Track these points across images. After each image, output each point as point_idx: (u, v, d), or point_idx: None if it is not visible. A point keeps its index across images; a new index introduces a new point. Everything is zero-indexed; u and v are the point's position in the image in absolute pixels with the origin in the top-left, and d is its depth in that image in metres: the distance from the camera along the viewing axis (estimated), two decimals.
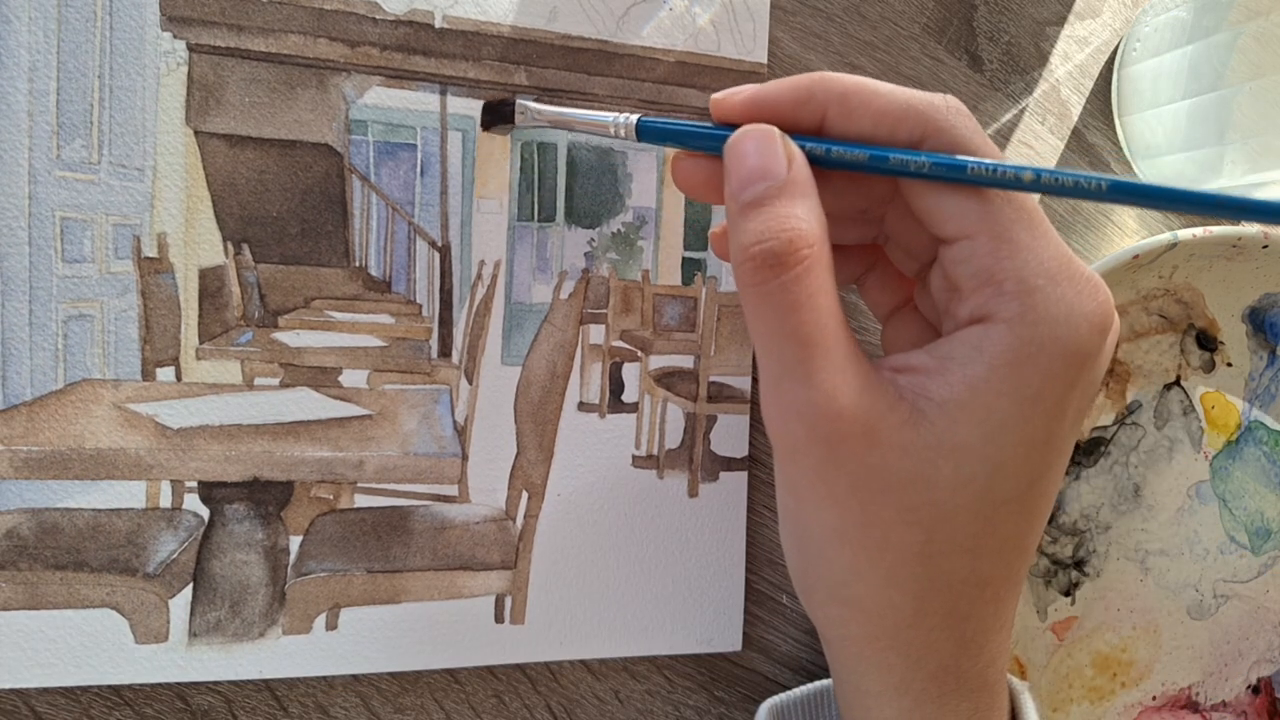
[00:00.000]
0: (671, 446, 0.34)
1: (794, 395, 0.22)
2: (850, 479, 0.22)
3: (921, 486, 0.22)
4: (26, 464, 0.28)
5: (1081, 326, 0.22)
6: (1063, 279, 0.22)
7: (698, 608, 0.34)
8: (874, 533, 0.22)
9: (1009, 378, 0.21)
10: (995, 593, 0.23)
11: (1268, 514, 0.41)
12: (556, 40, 0.32)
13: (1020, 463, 0.22)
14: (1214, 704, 0.42)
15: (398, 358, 0.32)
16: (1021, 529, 0.23)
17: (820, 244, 0.22)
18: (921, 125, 0.23)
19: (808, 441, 0.22)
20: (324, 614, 0.30)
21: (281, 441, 0.30)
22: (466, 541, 0.32)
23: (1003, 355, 0.21)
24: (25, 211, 0.28)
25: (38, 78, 0.28)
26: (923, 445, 0.22)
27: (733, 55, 0.34)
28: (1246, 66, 0.33)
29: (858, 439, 0.21)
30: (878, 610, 0.23)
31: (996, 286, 0.22)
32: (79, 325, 0.29)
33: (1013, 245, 0.22)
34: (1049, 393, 0.22)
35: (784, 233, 0.21)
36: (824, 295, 0.22)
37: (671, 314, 0.34)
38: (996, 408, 0.21)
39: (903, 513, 0.22)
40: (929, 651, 0.23)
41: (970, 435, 0.22)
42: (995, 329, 0.22)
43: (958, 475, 0.22)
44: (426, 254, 0.32)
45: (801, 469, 0.23)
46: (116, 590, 0.29)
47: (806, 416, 0.22)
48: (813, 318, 0.21)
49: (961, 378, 0.22)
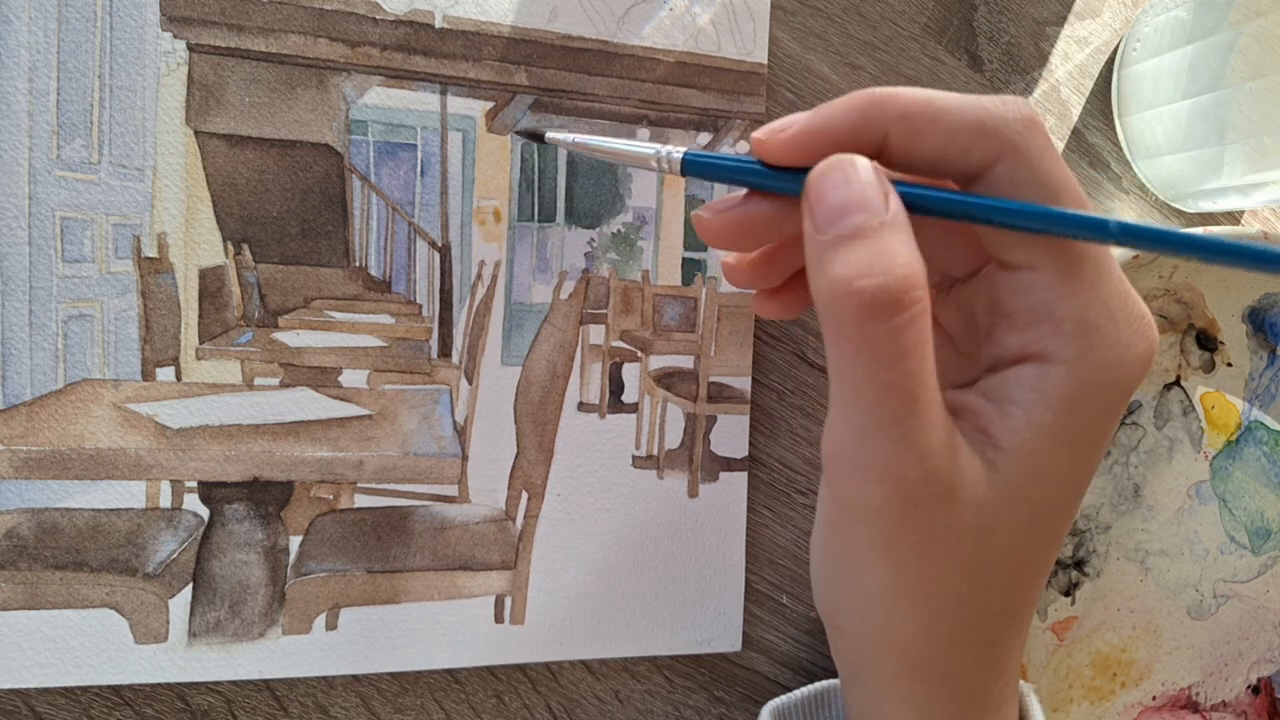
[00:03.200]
0: (671, 447, 0.34)
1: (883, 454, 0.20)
2: (918, 540, 0.21)
3: (983, 538, 0.21)
4: (26, 464, 0.28)
5: (1134, 368, 0.21)
6: (1121, 319, 0.21)
7: (697, 608, 0.34)
8: (929, 586, 0.21)
9: (1068, 423, 0.21)
10: (1023, 617, 0.23)
11: (1268, 514, 0.41)
12: (557, 40, 0.32)
13: (1064, 499, 0.22)
14: (1214, 704, 0.42)
15: (398, 358, 0.32)
16: (1049, 555, 0.23)
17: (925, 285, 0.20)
18: (997, 144, 0.21)
19: (884, 503, 0.20)
20: (324, 614, 0.30)
21: (281, 441, 0.30)
22: (466, 542, 0.32)
23: (1064, 400, 0.20)
24: (25, 211, 0.28)
25: (38, 77, 0.28)
26: (992, 498, 0.21)
27: (733, 55, 0.34)
28: (1246, 66, 0.33)
29: (939, 500, 0.20)
30: (915, 647, 0.22)
31: (1055, 324, 0.20)
32: (79, 325, 0.29)
33: (1078, 283, 0.20)
34: (1099, 429, 0.21)
35: (898, 269, 0.19)
36: (929, 345, 0.20)
37: (671, 314, 0.34)
38: (1052, 451, 0.21)
39: (958, 564, 0.21)
40: (956, 677, 0.23)
41: (1030, 481, 0.21)
42: (1055, 371, 0.20)
43: (1013, 520, 0.21)
44: (426, 254, 0.32)
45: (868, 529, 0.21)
46: (116, 590, 0.29)
47: (892, 477, 0.20)
48: (918, 369, 0.19)
49: (1026, 423, 0.21)
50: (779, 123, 0.22)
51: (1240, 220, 0.43)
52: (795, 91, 0.35)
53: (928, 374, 0.20)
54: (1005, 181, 0.21)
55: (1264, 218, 0.44)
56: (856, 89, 0.35)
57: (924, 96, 0.21)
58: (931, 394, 0.20)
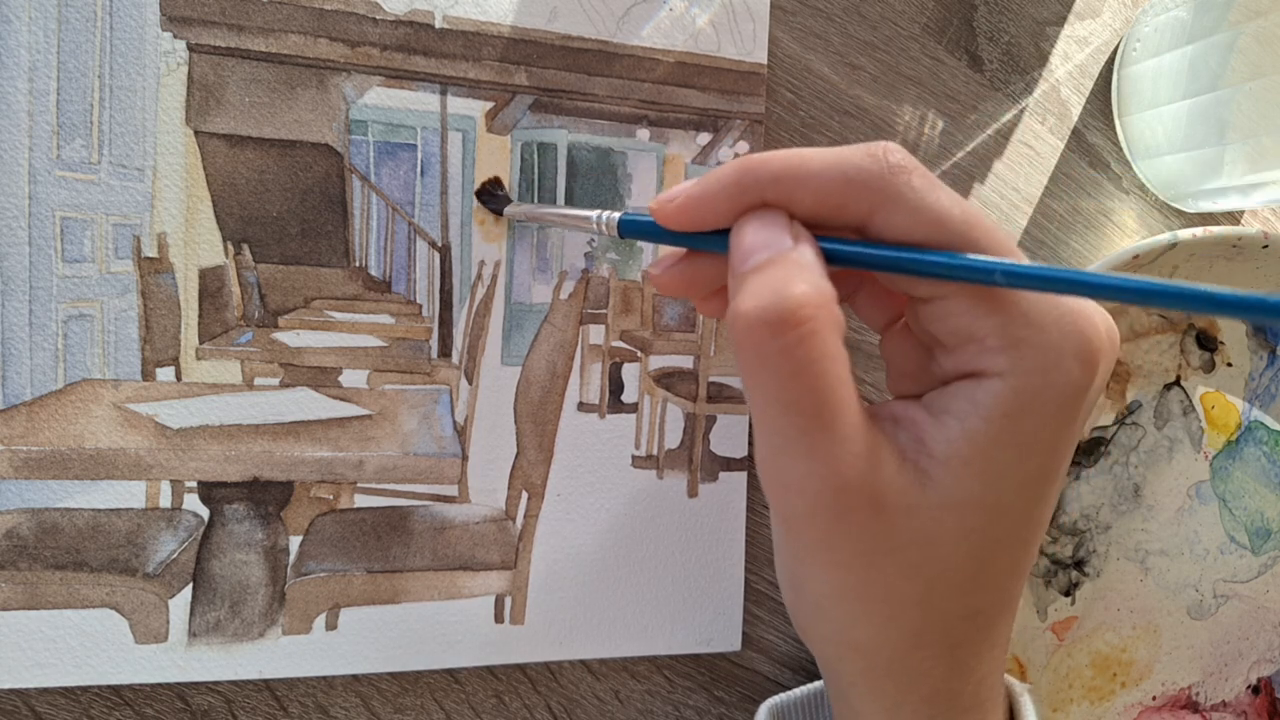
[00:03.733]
0: (671, 447, 0.34)
1: (794, 469, 0.21)
2: (855, 547, 0.21)
3: (926, 544, 0.21)
4: (26, 464, 0.28)
5: (1073, 368, 0.21)
6: (1047, 323, 0.21)
7: (697, 608, 0.34)
8: (876, 589, 0.22)
9: (1006, 428, 0.21)
10: (988, 619, 0.24)
11: (1268, 514, 0.41)
12: (557, 40, 0.32)
13: (1018, 503, 0.22)
14: (1214, 704, 0.42)
15: (398, 358, 0.32)
16: (1016, 558, 0.23)
17: (828, 306, 0.20)
18: (868, 197, 0.21)
19: (809, 515, 0.21)
20: (324, 614, 0.30)
21: (281, 441, 0.30)
22: (466, 542, 0.32)
23: (998, 408, 0.21)
24: (25, 211, 0.28)
25: (38, 78, 0.28)
26: (928, 505, 0.21)
27: (733, 55, 0.34)
28: (1246, 66, 0.33)
29: (865, 508, 0.21)
30: (874, 649, 0.23)
31: (980, 343, 0.21)
32: (79, 325, 0.29)
33: (991, 303, 0.21)
34: (1046, 434, 0.21)
35: (785, 291, 0.20)
36: (830, 360, 0.20)
37: (671, 314, 0.34)
38: (995, 457, 0.21)
39: (905, 568, 0.22)
40: (922, 678, 0.23)
41: (973, 489, 0.21)
42: (988, 384, 0.21)
43: (960, 527, 0.21)
44: (426, 254, 0.32)
45: (803, 540, 0.22)
46: (116, 590, 0.29)
47: (808, 491, 0.21)
48: (816, 385, 0.20)
49: (960, 432, 0.21)
50: (668, 193, 0.23)
51: (1240, 220, 0.43)
52: (795, 91, 0.36)
53: (830, 390, 0.20)
54: (887, 229, 0.21)
55: (1264, 218, 0.44)
56: (857, 89, 0.36)
57: (793, 160, 0.22)
58: (838, 409, 0.20)
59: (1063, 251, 0.40)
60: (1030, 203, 0.39)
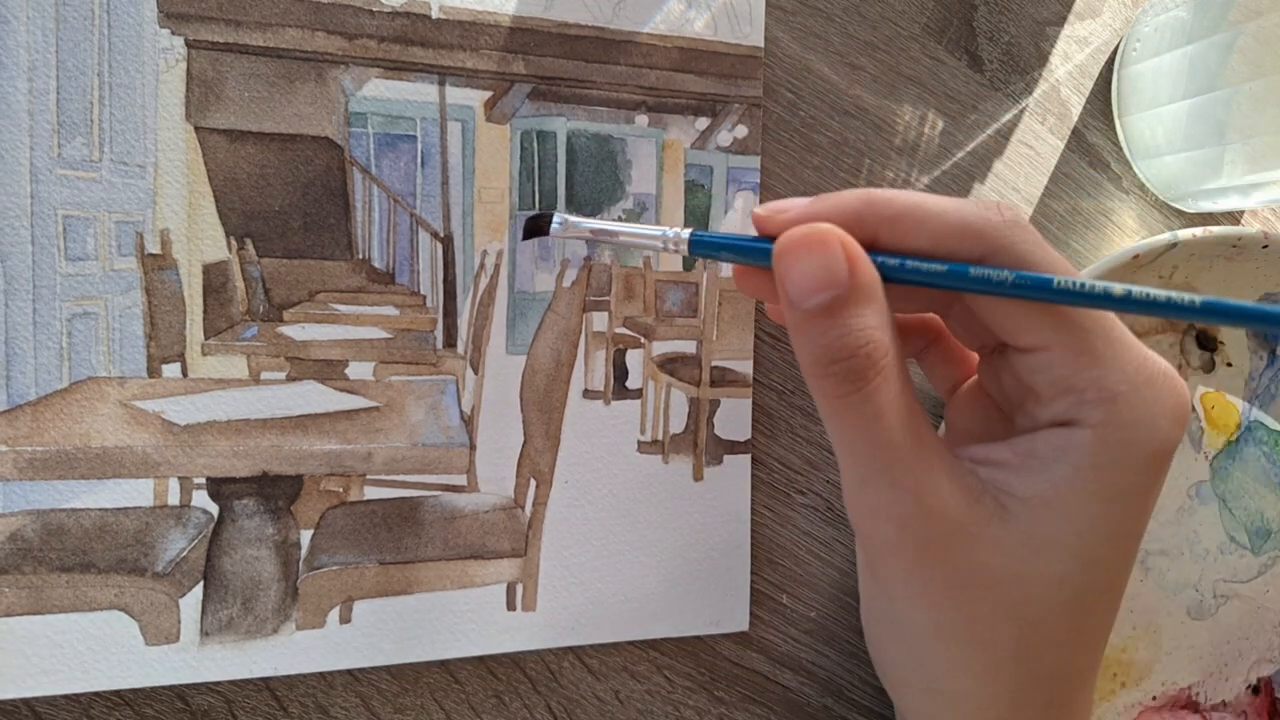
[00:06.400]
0: (676, 431, 0.34)
1: (880, 498, 0.22)
2: (945, 577, 0.22)
3: (1017, 583, 0.22)
4: (31, 464, 0.28)
5: (1164, 427, 0.22)
6: (1142, 382, 0.22)
7: (705, 590, 0.34)
8: (972, 629, 0.22)
9: (1095, 480, 0.21)
10: (1084, 680, 0.24)
11: (1268, 514, 0.41)
12: (553, 28, 0.32)
13: (1110, 556, 0.22)
14: (1214, 704, 0.42)
15: (403, 349, 0.32)
16: (1111, 616, 0.24)
17: (891, 350, 0.21)
18: (981, 244, 0.22)
19: (899, 543, 0.22)
20: (337, 607, 0.30)
21: (289, 435, 0.30)
22: (477, 530, 0.32)
23: (1088, 459, 0.21)
24: (28, 210, 0.28)
25: (37, 77, 0.28)
26: (1013, 541, 0.22)
27: (729, 39, 0.34)
28: (1246, 66, 0.33)
29: (950, 537, 0.21)
30: (975, 705, 0.23)
31: (1078, 395, 0.22)
32: (83, 323, 0.29)
33: (1092, 356, 0.21)
34: (1136, 490, 0.22)
35: (860, 347, 0.21)
36: (903, 398, 0.21)
37: (674, 300, 0.35)
38: (1085, 507, 0.22)
39: (999, 609, 0.22)
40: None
41: (1060, 532, 0.22)
42: (1080, 433, 0.21)
43: (1051, 572, 0.22)
44: (429, 245, 0.32)
45: (894, 569, 0.22)
46: (125, 591, 0.29)
47: (896, 518, 0.22)
48: (894, 423, 0.21)
49: (1046, 477, 0.22)
50: (780, 204, 0.23)
51: (1240, 220, 0.44)
52: (795, 91, 0.36)
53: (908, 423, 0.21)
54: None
55: (1264, 218, 0.44)
56: (857, 89, 0.36)
57: (914, 201, 0.22)
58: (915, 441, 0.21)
59: (1063, 251, 0.40)
60: (1030, 203, 0.40)
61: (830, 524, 0.37)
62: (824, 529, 0.36)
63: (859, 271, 0.21)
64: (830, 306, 0.21)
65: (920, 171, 0.38)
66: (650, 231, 0.25)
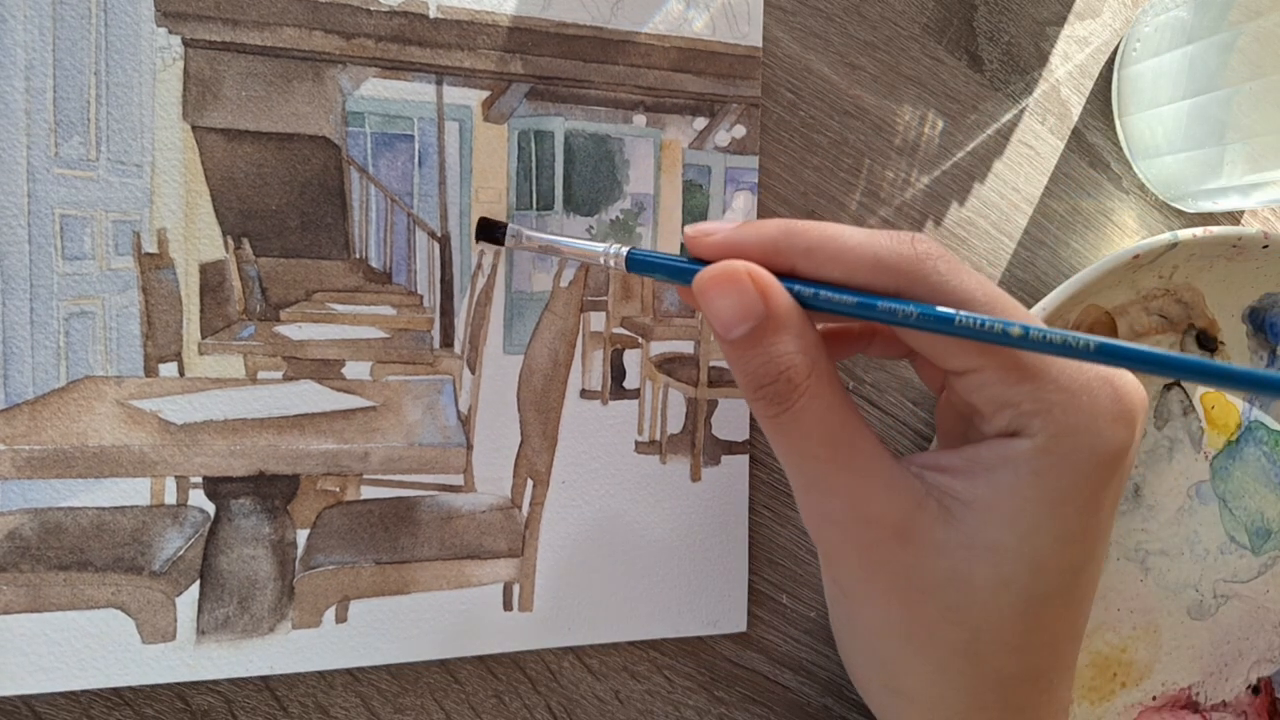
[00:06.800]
0: (673, 432, 0.34)
1: (823, 504, 0.23)
2: (890, 577, 0.23)
3: (961, 586, 0.22)
4: (29, 463, 0.28)
5: (1105, 429, 0.22)
6: (1078, 389, 0.22)
7: (703, 590, 0.34)
8: (919, 629, 0.23)
9: (1036, 485, 0.22)
10: (1048, 682, 0.24)
11: (1268, 514, 0.41)
12: (551, 28, 0.32)
13: (1059, 559, 0.23)
14: (1214, 704, 0.42)
15: (400, 349, 0.32)
16: (1069, 619, 0.24)
17: (816, 367, 0.22)
18: (894, 277, 0.23)
19: (843, 544, 0.23)
20: (333, 607, 0.30)
21: (286, 435, 0.30)
22: (473, 530, 0.32)
23: (1029, 464, 0.22)
24: (24, 210, 0.28)
25: (34, 76, 0.28)
26: (956, 544, 0.22)
27: (728, 39, 0.34)
28: (1246, 66, 0.33)
29: (892, 539, 0.22)
30: (930, 703, 0.24)
31: (1015, 408, 0.22)
32: (80, 322, 0.29)
33: (1022, 372, 0.22)
34: (1080, 493, 0.22)
35: (779, 373, 0.22)
36: (833, 412, 0.22)
37: (671, 300, 0.34)
38: (1027, 510, 0.22)
39: (945, 611, 0.23)
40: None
41: (1004, 536, 0.22)
42: (1021, 443, 0.22)
43: (997, 575, 0.22)
44: (426, 244, 0.32)
45: (843, 569, 0.24)
46: (122, 589, 0.29)
47: (838, 523, 0.23)
48: (825, 435, 0.22)
49: (988, 481, 0.22)
50: (707, 226, 0.25)
51: (1240, 220, 0.43)
52: (795, 91, 0.36)
53: (840, 434, 0.22)
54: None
55: (1264, 218, 0.44)
56: (857, 89, 0.36)
57: (829, 234, 0.23)
58: (850, 449, 0.22)
59: (1063, 251, 0.40)
60: (1030, 203, 0.40)
61: None
62: None
63: (772, 302, 0.22)
64: (751, 336, 0.22)
65: (920, 171, 0.37)
66: (592, 247, 0.27)
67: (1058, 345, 0.21)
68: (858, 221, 0.37)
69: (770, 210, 0.35)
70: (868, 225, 0.37)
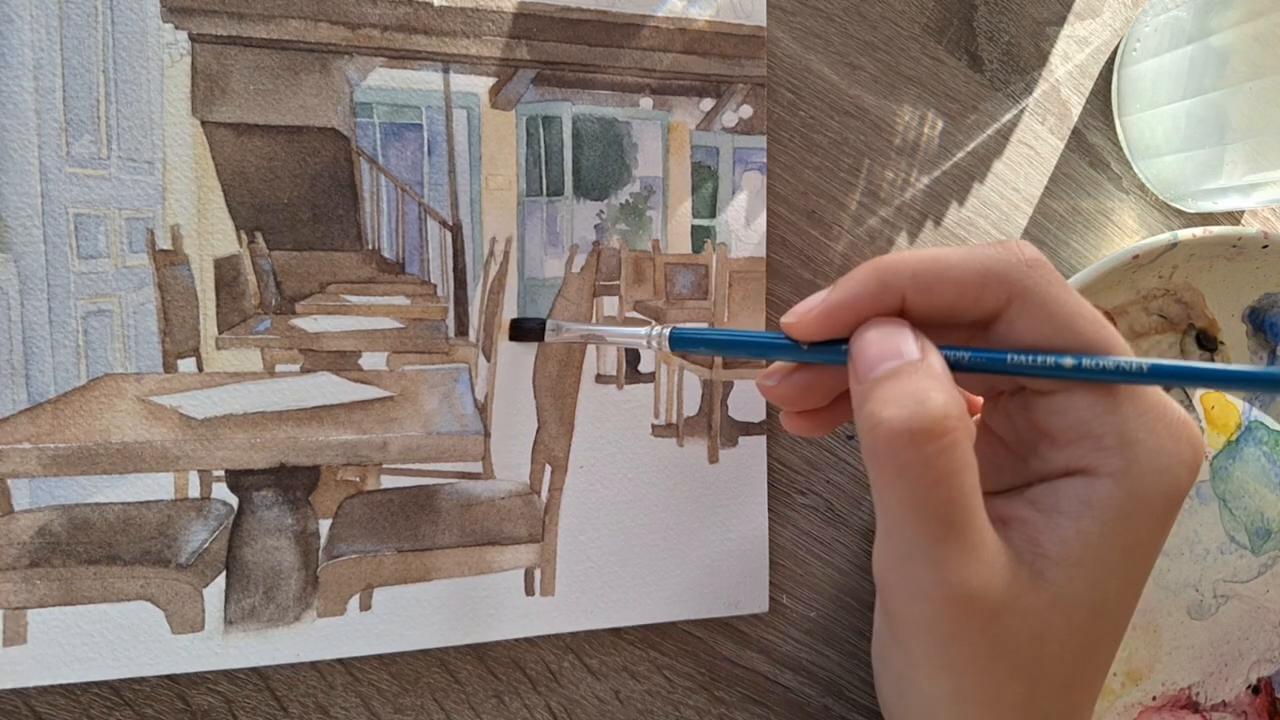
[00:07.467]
0: (690, 414, 0.34)
1: (923, 577, 0.21)
2: (971, 652, 0.22)
3: (1036, 644, 0.22)
4: (55, 461, 0.28)
5: (1181, 474, 0.22)
6: (1160, 429, 0.21)
7: (724, 572, 0.34)
8: (987, 693, 0.22)
9: (1118, 530, 0.21)
10: (1082, 714, 0.24)
11: (1268, 514, 0.41)
12: (556, 13, 0.32)
13: (1121, 602, 0.22)
14: (1214, 704, 0.42)
15: (415, 338, 0.32)
16: (1109, 654, 0.24)
17: (965, 417, 0.21)
18: (1005, 289, 0.22)
19: (930, 621, 0.21)
20: (357, 595, 0.31)
21: (306, 427, 0.30)
22: (493, 517, 0.32)
23: (1112, 510, 0.21)
24: (39, 210, 0.28)
25: (43, 75, 0.28)
26: (1042, 605, 0.21)
27: (731, 19, 0.34)
28: (1246, 66, 0.33)
29: (985, 617, 0.21)
30: None
31: (1096, 441, 0.21)
32: (98, 321, 0.29)
33: (1112, 401, 0.21)
34: (1151, 539, 0.22)
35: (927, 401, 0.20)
36: (967, 471, 0.21)
37: (683, 282, 0.34)
38: (1105, 558, 0.21)
39: (1015, 671, 0.22)
40: None
41: (1082, 587, 0.21)
42: (1101, 483, 0.21)
43: (1068, 626, 0.22)
44: (438, 233, 0.32)
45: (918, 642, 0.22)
46: (150, 582, 0.29)
47: (935, 599, 0.21)
48: (954, 495, 0.20)
49: (1075, 533, 0.21)
50: (805, 304, 0.23)
51: (1240, 220, 0.43)
52: (795, 91, 0.35)
53: (966, 499, 0.20)
54: (1020, 320, 0.22)
55: (1264, 218, 0.44)
56: (857, 89, 0.36)
57: (930, 255, 0.22)
58: (971, 517, 0.21)
59: (1063, 251, 0.40)
60: (1030, 203, 0.39)
61: (830, 524, 0.37)
62: (824, 529, 0.36)
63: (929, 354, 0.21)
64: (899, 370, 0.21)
65: (920, 171, 0.37)
66: (633, 332, 0.28)
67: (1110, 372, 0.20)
68: (858, 221, 0.36)
69: (770, 210, 0.35)
70: (867, 225, 0.37)
